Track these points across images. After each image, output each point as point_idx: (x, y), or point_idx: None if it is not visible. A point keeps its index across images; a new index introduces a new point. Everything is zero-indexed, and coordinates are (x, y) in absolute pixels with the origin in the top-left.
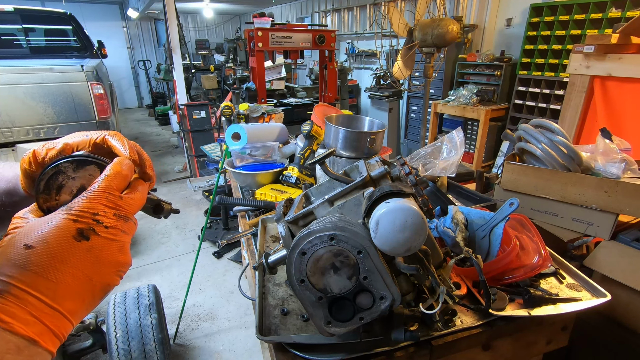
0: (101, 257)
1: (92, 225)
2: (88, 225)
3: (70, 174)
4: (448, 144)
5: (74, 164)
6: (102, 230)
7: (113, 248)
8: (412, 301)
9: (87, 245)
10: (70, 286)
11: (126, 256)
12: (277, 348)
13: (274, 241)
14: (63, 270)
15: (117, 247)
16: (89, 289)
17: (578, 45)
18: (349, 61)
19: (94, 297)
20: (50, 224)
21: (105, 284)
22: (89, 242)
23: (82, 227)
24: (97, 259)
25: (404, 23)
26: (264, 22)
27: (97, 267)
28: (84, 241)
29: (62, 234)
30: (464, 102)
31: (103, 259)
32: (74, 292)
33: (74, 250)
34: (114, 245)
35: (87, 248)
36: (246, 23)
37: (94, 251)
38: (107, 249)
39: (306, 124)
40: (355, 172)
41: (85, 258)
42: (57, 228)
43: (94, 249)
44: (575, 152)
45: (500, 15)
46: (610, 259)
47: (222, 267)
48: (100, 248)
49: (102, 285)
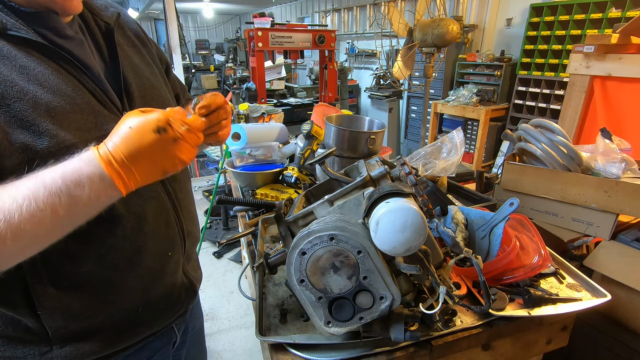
0: (167, 148)
1: (165, 125)
2: (164, 124)
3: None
4: (448, 144)
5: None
6: (170, 130)
7: (176, 144)
8: (412, 301)
9: (160, 136)
10: (144, 156)
11: (184, 155)
12: (277, 348)
13: (274, 241)
14: (143, 145)
15: (179, 146)
16: (154, 164)
17: (578, 45)
18: (349, 61)
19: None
20: (148, 116)
21: (165, 166)
22: (161, 135)
23: (160, 124)
24: (163, 146)
25: (404, 23)
26: (264, 22)
27: (163, 153)
28: (159, 134)
29: (149, 125)
30: (464, 102)
31: (168, 148)
32: (145, 161)
33: (151, 136)
34: (177, 143)
35: (160, 138)
36: (246, 23)
37: (164, 142)
38: (172, 143)
39: (306, 124)
40: (355, 172)
41: (157, 143)
42: (147, 120)
43: (164, 140)
44: (575, 152)
45: (500, 15)
46: (610, 259)
47: (222, 267)
48: (168, 140)
49: (163, 165)
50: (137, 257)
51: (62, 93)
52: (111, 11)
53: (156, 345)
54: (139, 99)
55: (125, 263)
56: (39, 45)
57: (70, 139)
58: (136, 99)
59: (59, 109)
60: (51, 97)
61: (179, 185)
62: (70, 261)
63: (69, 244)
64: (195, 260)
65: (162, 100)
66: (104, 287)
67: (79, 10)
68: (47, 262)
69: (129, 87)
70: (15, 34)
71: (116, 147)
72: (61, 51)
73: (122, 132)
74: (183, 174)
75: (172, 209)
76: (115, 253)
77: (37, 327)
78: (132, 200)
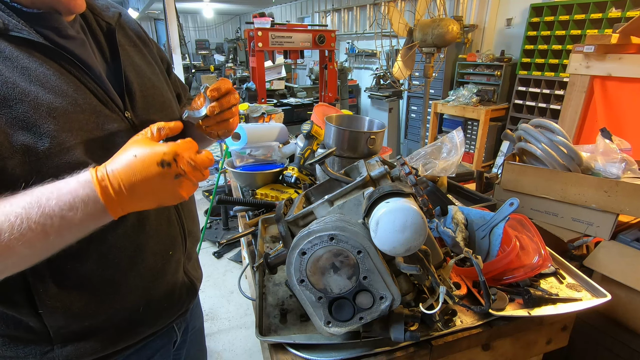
0: (167, 183)
1: (170, 160)
2: (170, 158)
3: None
4: (448, 144)
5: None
6: (174, 165)
7: (178, 180)
8: (412, 301)
9: (163, 170)
10: (143, 188)
11: (184, 191)
12: (277, 348)
13: (274, 241)
14: (144, 177)
15: (180, 182)
16: (151, 196)
17: (578, 45)
18: (349, 61)
19: (150, 203)
20: (155, 149)
21: (162, 199)
22: (164, 169)
23: (166, 158)
24: (163, 181)
25: (404, 23)
26: (264, 22)
27: (162, 187)
28: (162, 168)
29: (154, 157)
30: (464, 102)
31: (168, 184)
32: (142, 192)
33: (154, 169)
34: (180, 179)
35: (163, 172)
36: (246, 23)
37: (166, 177)
38: (174, 178)
39: (306, 124)
40: (355, 172)
41: (159, 177)
42: (154, 153)
43: (166, 175)
44: (575, 152)
45: (500, 15)
46: (610, 259)
47: (222, 267)
48: (169, 176)
49: (160, 198)
50: (138, 256)
51: (63, 93)
52: (112, 11)
53: (157, 345)
54: (141, 99)
55: (126, 262)
56: (40, 46)
57: (72, 140)
58: (138, 99)
59: (60, 109)
60: (53, 97)
61: None
62: (72, 260)
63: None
64: (195, 260)
65: (163, 100)
66: (105, 286)
67: (82, 9)
68: (48, 261)
69: (131, 87)
70: (17, 34)
71: (116, 174)
72: (63, 51)
73: (125, 160)
74: None
75: (173, 208)
76: (117, 252)
77: (38, 327)
78: None
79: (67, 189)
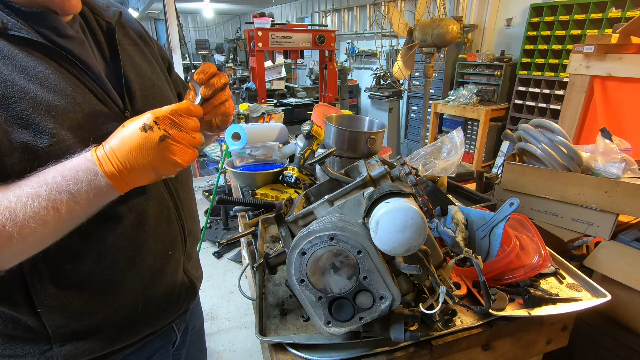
0: (154, 147)
1: (151, 123)
2: (150, 122)
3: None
4: (448, 144)
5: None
6: (156, 128)
7: (164, 144)
8: (412, 301)
9: (146, 134)
10: (133, 154)
11: (178, 157)
12: (277, 348)
13: (274, 241)
14: (130, 143)
15: (167, 145)
16: (144, 163)
17: (578, 45)
18: (349, 61)
19: (146, 172)
20: (142, 116)
21: (156, 166)
22: (147, 133)
23: (147, 122)
24: (150, 145)
25: (404, 23)
26: (264, 22)
27: (152, 153)
28: (145, 132)
29: (137, 123)
30: (464, 102)
31: (155, 149)
32: (134, 159)
33: (138, 134)
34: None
35: (146, 136)
36: (246, 23)
37: (150, 140)
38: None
39: (306, 124)
40: (355, 172)
41: (143, 141)
42: (138, 119)
43: (149, 138)
44: (575, 152)
45: (500, 15)
46: (610, 259)
47: (222, 267)
48: (153, 139)
49: (153, 166)
50: (137, 256)
51: (62, 92)
52: (113, 10)
53: (156, 345)
54: (141, 98)
55: (125, 262)
56: (39, 45)
57: (71, 138)
58: (138, 98)
59: (59, 108)
60: (52, 96)
61: (180, 183)
62: (71, 260)
63: (69, 243)
64: (195, 260)
65: (164, 99)
66: (104, 285)
67: (77, 9)
68: (47, 260)
69: (131, 86)
70: (16, 33)
71: (110, 145)
72: (62, 51)
73: (117, 133)
74: (185, 172)
75: (173, 207)
76: (116, 252)
77: (37, 326)
78: (133, 198)
79: (70, 165)
